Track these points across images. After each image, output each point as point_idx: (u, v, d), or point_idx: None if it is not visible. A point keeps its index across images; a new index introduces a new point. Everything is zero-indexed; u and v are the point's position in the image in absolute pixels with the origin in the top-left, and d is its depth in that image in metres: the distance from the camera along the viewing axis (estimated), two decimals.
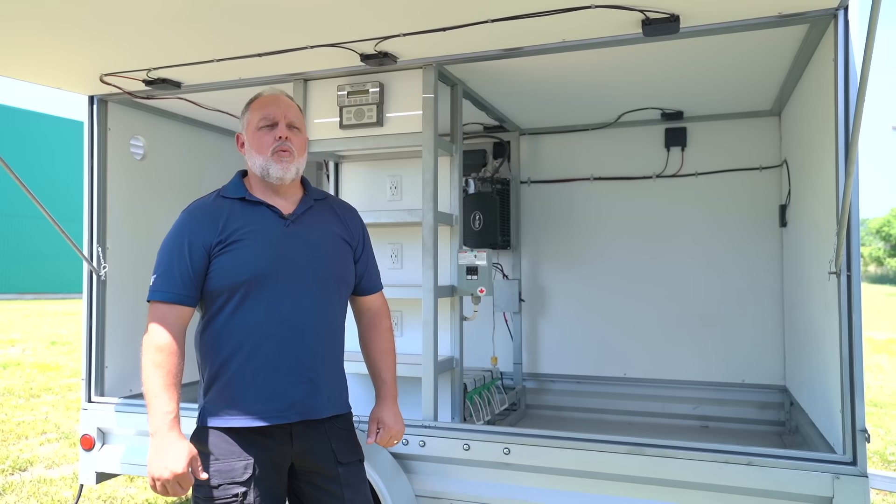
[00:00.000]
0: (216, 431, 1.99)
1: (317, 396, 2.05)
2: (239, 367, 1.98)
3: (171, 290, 1.97)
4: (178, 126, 4.14)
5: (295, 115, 2.12)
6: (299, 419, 2.01)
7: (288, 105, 2.12)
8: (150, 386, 1.90)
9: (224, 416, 1.98)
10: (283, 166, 2.05)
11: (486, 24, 2.56)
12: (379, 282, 2.34)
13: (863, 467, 2.34)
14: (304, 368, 2.02)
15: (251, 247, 1.99)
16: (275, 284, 1.99)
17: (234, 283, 1.97)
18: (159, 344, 1.93)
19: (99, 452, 3.49)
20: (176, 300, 1.97)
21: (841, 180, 2.40)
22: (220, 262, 1.98)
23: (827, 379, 2.69)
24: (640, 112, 4.10)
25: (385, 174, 3.53)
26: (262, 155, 2.05)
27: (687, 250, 4.25)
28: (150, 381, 1.90)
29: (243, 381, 1.98)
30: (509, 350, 4.49)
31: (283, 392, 1.99)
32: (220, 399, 2.00)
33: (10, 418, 6.68)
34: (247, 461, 1.95)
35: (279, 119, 2.07)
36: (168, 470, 1.83)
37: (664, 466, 2.55)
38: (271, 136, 2.05)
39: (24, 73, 3.22)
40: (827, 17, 2.46)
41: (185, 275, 1.98)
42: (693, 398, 4.18)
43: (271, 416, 1.98)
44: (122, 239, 3.71)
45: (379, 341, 2.28)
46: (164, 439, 1.86)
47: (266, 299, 1.98)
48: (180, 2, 2.37)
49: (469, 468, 2.84)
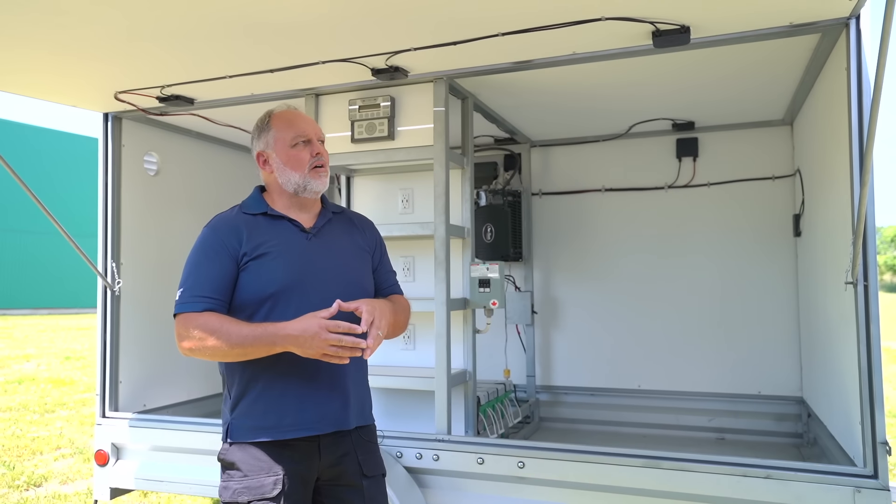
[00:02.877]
0: (245, 446, 1.98)
1: (346, 408, 2.05)
2: (270, 380, 1.98)
3: (202, 301, 1.94)
4: (192, 142, 4.18)
5: (320, 130, 2.20)
6: (330, 430, 2.02)
7: (312, 120, 2.20)
8: (227, 335, 1.86)
9: (254, 430, 1.98)
10: (322, 181, 2.12)
11: (497, 38, 2.57)
12: (399, 287, 2.34)
13: (884, 480, 2.31)
14: (335, 379, 2.03)
15: (276, 260, 2.01)
16: (301, 296, 2.00)
17: (261, 297, 1.98)
18: (201, 322, 1.89)
19: (113, 468, 3.49)
20: (206, 308, 1.94)
21: (856, 189, 2.38)
22: (246, 276, 1.99)
23: (845, 390, 2.65)
24: (651, 123, 4.09)
25: (396, 187, 3.54)
26: (299, 171, 2.08)
27: (700, 261, 4.22)
28: (225, 334, 1.86)
29: (275, 394, 1.98)
30: (522, 362, 4.47)
31: (314, 404, 1.99)
32: (249, 413, 1.99)
33: (25, 434, 6.71)
34: (276, 476, 1.95)
35: (312, 136, 2.12)
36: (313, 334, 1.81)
37: (681, 480, 2.52)
38: (307, 151, 2.10)
39: (42, 92, 3.27)
40: (839, 27, 2.45)
41: (214, 281, 1.97)
42: (708, 410, 4.13)
43: (302, 428, 1.98)
44: (137, 254, 3.74)
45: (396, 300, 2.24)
46: (283, 331, 1.84)
47: (294, 311, 1.97)
48: (194, 20, 2.40)
49: (483, 482, 2.82)
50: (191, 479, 3.32)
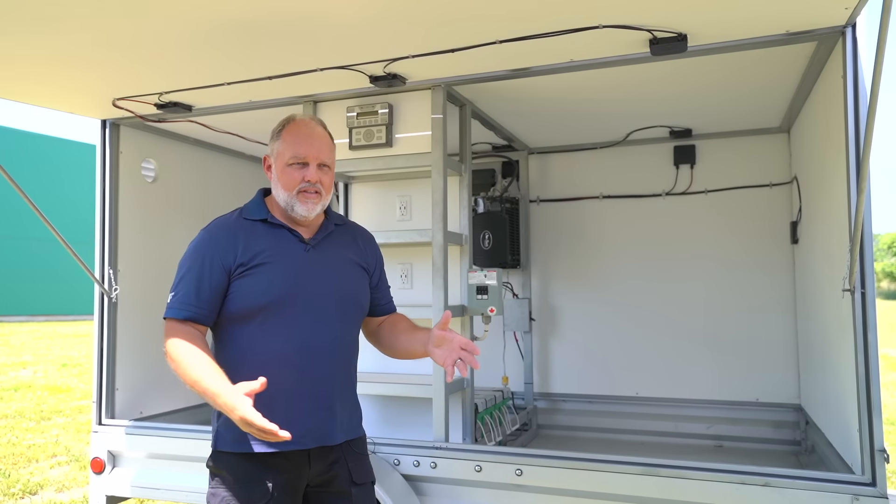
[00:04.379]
0: (234, 455, 1.98)
1: (332, 422, 2.04)
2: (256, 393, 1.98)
3: (187, 308, 1.96)
4: (189, 148, 4.18)
5: (327, 153, 2.09)
6: (315, 445, 2.01)
7: (322, 142, 2.08)
8: (190, 372, 1.85)
9: (240, 440, 1.97)
10: (309, 207, 2.04)
11: (495, 45, 2.58)
12: (393, 304, 2.38)
13: (882, 488, 2.30)
14: (323, 394, 2.02)
15: (272, 271, 2.00)
16: (294, 309, 1.99)
17: (253, 307, 1.98)
18: (177, 340, 1.90)
19: (109, 475, 3.48)
20: (191, 317, 1.97)
21: (853, 197, 2.38)
22: (241, 286, 1.98)
23: (843, 397, 2.65)
24: (648, 130, 4.10)
25: (394, 194, 3.54)
26: (287, 192, 2.04)
27: (698, 268, 4.22)
28: (188, 370, 1.86)
29: (261, 406, 1.96)
30: (520, 369, 4.46)
31: (300, 418, 1.98)
32: (235, 425, 1.99)
33: (21, 441, 6.68)
34: (264, 485, 1.95)
35: (311, 160, 2.04)
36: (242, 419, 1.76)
37: (680, 488, 2.51)
38: (300, 174, 2.03)
39: (39, 98, 3.27)
40: (835, 35, 2.46)
41: (203, 293, 1.97)
42: (706, 417, 4.13)
43: (288, 442, 1.96)
44: (134, 261, 3.73)
45: (403, 323, 2.27)
46: (218, 398, 1.79)
47: (285, 324, 1.97)
48: (192, 27, 2.40)
49: (481, 490, 2.81)
50: (187, 487, 3.31)
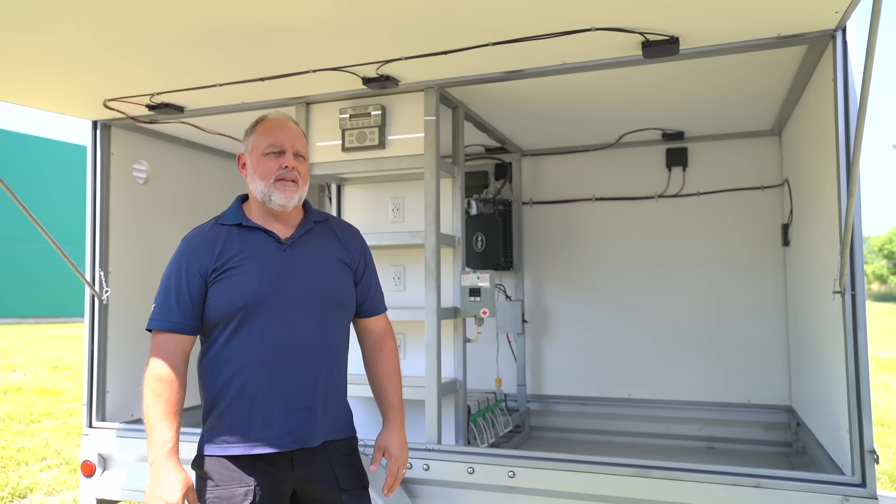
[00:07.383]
0: (216, 459, 1.98)
1: (313, 424, 2.02)
2: (236, 394, 1.98)
3: (169, 319, 1.99)
4: (181, 150, 4.17)
5: (301, 143, 2.12)
6: (296, 447, 2.00)
7: (295, 133, 2.11)
8: (149, 415, 1.91)
9: (222, 443, 1.98)
10: (287, 195, 2.04)
11: (488, 48, 2.58)
12: (383, 304, 2.32)
13: (872, 489, 2.31)
14: (301, 396, 2.00)
15: (246, 273, 1.99)
16: (271, 311, 1.98)
17: (229, 311, 1.97)
18: (158, 373, 1.94)
19: (100, 478, 3.45)
20: (173, 328, 1.98)
21: (843, 199, 2.40)
22: (216, 290, 1.99)
23: (833, 399, 2.67)
24: (640, 133, 4.11)
25: (387, 196, 3.54)
26: (264, 181, 2.04)
27: (689, 270, 4.24)
28: (149, 411, 1.92)
29: (240, 408, 1.98)
30: (513, 371, 4.47)
31: (279, 420, 1.97)
32: (218, 426, 1.99)
33: (11, 444, 6.63)
34: (247, 487, 1.94)
35: (287, 147, 2.06)
36: (163, 500, 1.83)
37: (672, 489, 2.52)
38: (277, 162, 2.05)
39: (29, 99, 3.25)
40: (825, 38, 2.48)
41: (182, 303, 1.98)
42: (698, 419, 4.15)
43: (269, 443, 1.96)
44: (125, 263, 3.71)
45: (384, 364, 2.25)
46: (161, 469, 1.86)
47: (262, 326, 1.97)
48: (185, 27, 2.40)
49: (474, 492, 2.80)
50: None
